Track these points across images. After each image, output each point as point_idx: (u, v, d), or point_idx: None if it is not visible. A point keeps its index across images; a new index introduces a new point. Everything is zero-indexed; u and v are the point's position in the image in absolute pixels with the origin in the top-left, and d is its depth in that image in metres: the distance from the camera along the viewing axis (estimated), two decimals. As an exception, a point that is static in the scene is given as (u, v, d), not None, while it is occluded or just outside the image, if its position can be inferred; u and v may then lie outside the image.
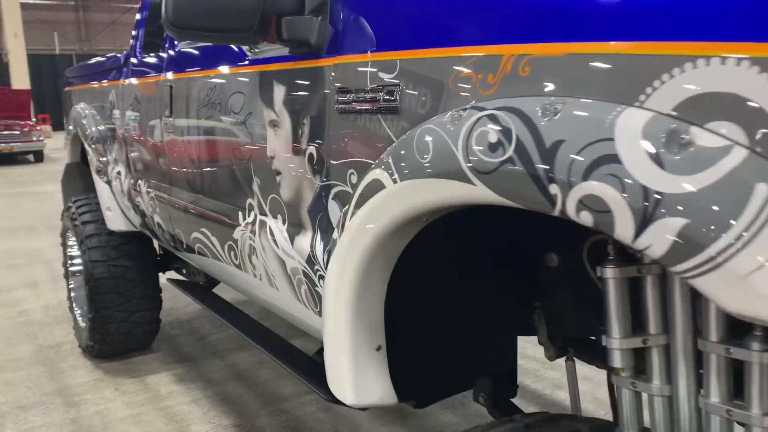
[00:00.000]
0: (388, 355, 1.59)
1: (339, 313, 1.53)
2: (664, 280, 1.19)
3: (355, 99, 1.54)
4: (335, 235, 1.61)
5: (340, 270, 1.50)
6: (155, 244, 3.80)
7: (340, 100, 1.60)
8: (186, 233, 2.67)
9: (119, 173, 3.50)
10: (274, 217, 1.96)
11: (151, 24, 3.33)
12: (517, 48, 1.14)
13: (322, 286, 1.70)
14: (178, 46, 2.71)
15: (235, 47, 2.12)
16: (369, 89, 1.50)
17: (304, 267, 1.79)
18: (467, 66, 1.24)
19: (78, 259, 4.18)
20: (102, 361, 3.94)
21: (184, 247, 2.78)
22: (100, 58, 4.17)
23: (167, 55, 2.82)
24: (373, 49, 1.51)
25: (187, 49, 2.62)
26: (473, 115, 1.17)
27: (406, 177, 1.29)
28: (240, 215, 2.15)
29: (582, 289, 1.55)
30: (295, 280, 1.86)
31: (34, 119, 19.66)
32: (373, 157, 1.46)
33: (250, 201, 2.09)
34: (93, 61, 4.31)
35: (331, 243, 1.64)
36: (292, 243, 1.85)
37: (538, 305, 1.75)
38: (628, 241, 0.91)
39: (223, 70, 2.24)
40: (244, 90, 2.07)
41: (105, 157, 3.70)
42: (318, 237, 1.75)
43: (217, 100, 2.24)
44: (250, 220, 2.09)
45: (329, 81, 1.65)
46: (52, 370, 3.87)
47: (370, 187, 1.41)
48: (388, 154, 1.38)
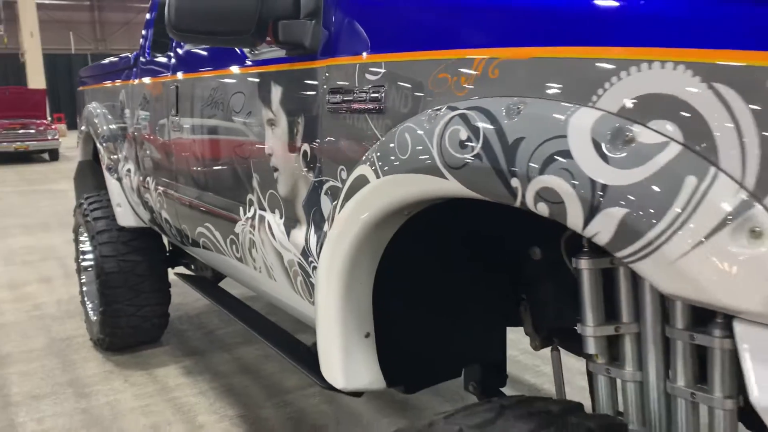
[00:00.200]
0: (378, 343, 1.66)
1: (329, 302, 1.60)
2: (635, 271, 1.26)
3: (345, 99, 1.61)
4: (326, 228, 1.69)
5: (330, 261, 1.57)
6: (164, 240, 3.87)
7: (331, 100, 1.67)
8: (191, 228, 2.75)
9: (129, 170, 3.58)
10: (272, 211, 2.04)
11: (160, 24, 3.37)
12: (487, 52, 1.22)
13: (315, 277, 1.77)
14: (184, 47, 2.78)
15: (237, 49, 2.19)
16: (357, 90, 1.57)
17: (300, 259, 1.87)
18: (444, 69, 1.32)
19: (90, 255, 4.26)
20: (112, 353, 4.04)
21: (190, 241, 2.86)
22: (112, 58, 4.24)
23: (174, 56, 2.90)
24: (361, 52, 1.58)
25: (192, 50, 2.70)
26: (447, 114, 1.24)
27: (387, 172, 1.37)
28: (241, 210, 2.22)
29: (563, 281, 1.61)
30: (291, 272, 1.93)
31: (49, 118, 19.83)
32: (360, 154, 1.53)
33: (250, 196, 2.16)
34: (106, 61, 4.39)
35: (323, 236, 1.71)
36: (289, 236, 1.92)
37: (524, 297, 1.82)
38: (579, 229, 0.98)
39: (225, 71, 2.31)
40: (244, 90, 2.14)
41: (116, 155, 3.77)
42: (312, 230, 1.82)
43: (219, 99, 2.32)
44: (250, 215, 2.16)
45: (322, 82, 1.72)
46: (64, 362, 3.97)
47: (356, 182, 1.48)
48: (373, 151, 1.46)
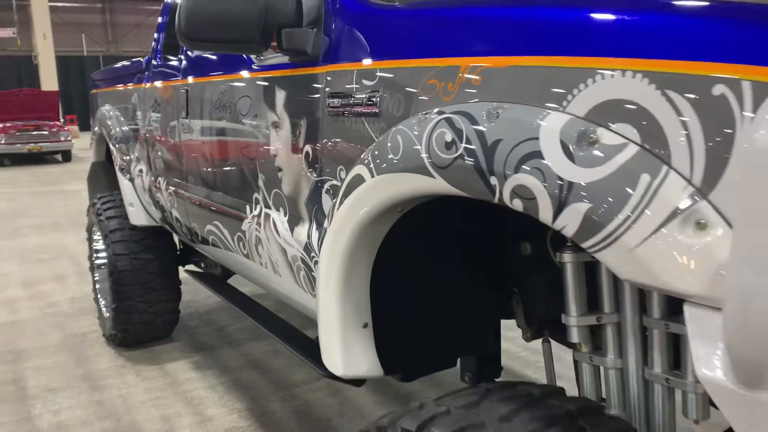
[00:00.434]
0: (376, 333, 1.76)
1: (329, 294, 1.69)
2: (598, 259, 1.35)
3: (344, 103, 1.71)
4: (327, 224, 1.78)
5: (330, 255, 1.67)
6: (175, 239, 3.98)
7: (331, 104, 1.77)
8: (201, 226, 2.85)
9: (141, 171, 3.69)
10: (277, 209, 2.13)
11: (171, 28, 3.47)
12: (471, 60, 1.31)
13: (317, 271, 1.87)
14: (194, 53, 2.89)
15: (243, 55, 2.29)
16: (354, 95, 1.67)
17: (303, 254, 1.97)
18: (432, 75, 1.41)
19: (103, 253, 4.37)
20: (124, 349, 4.15)
21: (200, 239, 2.96)
22: (125, 62, 4.35)
23: (184, 61, 3.01)
24: (359, 59, 1.68)
25: (201, 55, 2.81)
26: (435, 118, 1.33)
27: (381, 171, 1.46)
28: (247, 209, 2.32)
29: (552, 276, 1.70)
30: (295, 267, 2.03)
31: (62, 120, 20.03)
32: (358, 154, 1.63)
33: (256, 195, 2.26)
34: (118, 65, 4.50)
35: (324, 232, 1.80)
36: (292, 233, 2.02)
37: (516, 291, 1.91)
38: (549, 223, 1.08)
39: (233, 75, 2.42)
40: (251, 94, 2.25)
41: (128, 156, 3.88)
42: (314, 227, 1.92)
43: (227, 103, 2.42)
44: (256, 213, 2.26)
45: (323, 86, 1.82)
46: (78, 357, 4.09)
47: (353, 180, 1.57)
48: (368, 152, 1.55)
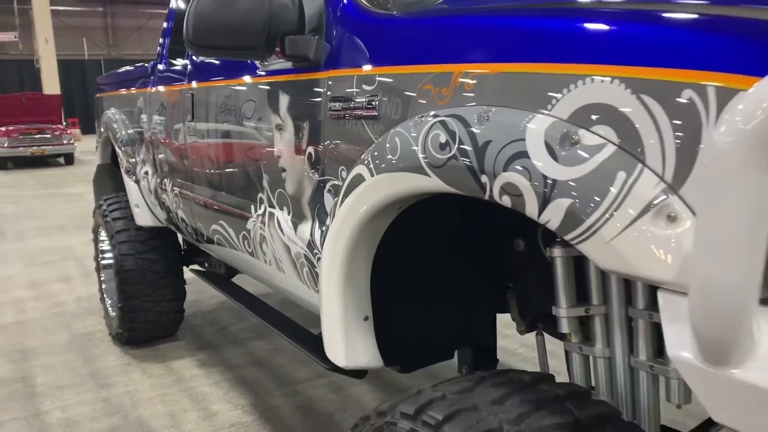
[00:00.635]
0: (376, 326, 1.84)
1: (331, 288, 1.77)
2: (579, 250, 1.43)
3: (345, 107, 1.79)
4: (329, 222, 1.86)
5: (332, 251, 1.75)
6: (180, 239, 4.05)
7: (332, 108, 1.85)
8: (206, 226, 2.93)
9: (147, 173, 3.76)
10: (281, 209, 2.21)
11: (177, 33, 3.52)
12: (464, 66, 1.40)
13: (319, 267, 1.95)
14: (199, 58, 2.97)
15: (248, 61, 2.37)
16: (355, 99, 1.76)
17: (306, 251, 2.05)
18: (428, 81, 1.50)
19: (109, 253, 4.46)
20: (130, 347, 4.24)
21: (205, 239, 3.04)
22: (128, 67, 4.43)
23: (189, 66, 3.09)
24: (359, 65, 1.77)
25: (206, 61, 2.89)
26: (430, 120, 1.42)
27: (380, 171, 1.55)
28: (252, 208, 2.40)
29: (544, 270, 1.77)
30: (298, 264, 2.11)
31: (64, 123, 20.12)
32: (358, 155, 1.71)
33: (260, 195, 2.34)
34: (122, 69, 4.58)
35: (326, 230, 1.88)
36: (296, 231, 2.10)
37: (510, 285, 2.00)
38: (535, 217, 1.16)
39: (238, 80, 2.50)
40: (255, 98, 2.33)
41: (134, 159, 3.95)
42: (317, 225, 2.00)
43: (232, 106, 2.50)
44: (261, 212, 2.34)
45: (324, 91, 1.90)
46: (85, 356, 4.18)
47: (354, 180, 1.65)
48: (368, 153, 1.63)
